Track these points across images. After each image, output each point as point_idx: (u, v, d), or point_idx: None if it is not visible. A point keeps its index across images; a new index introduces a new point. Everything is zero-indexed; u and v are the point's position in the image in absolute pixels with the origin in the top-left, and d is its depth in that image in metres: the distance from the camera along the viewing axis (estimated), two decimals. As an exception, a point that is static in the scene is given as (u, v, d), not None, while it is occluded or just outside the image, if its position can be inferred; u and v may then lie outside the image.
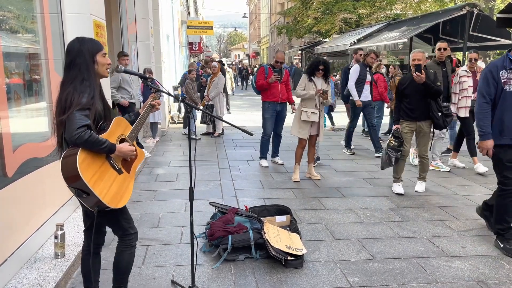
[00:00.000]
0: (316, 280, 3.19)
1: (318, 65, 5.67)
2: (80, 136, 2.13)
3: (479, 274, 3.27)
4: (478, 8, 12.65)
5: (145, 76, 2.77)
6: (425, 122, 5.15)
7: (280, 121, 6.76)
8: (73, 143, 2.18)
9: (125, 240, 2.55)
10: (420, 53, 5.07)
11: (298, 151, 5.98)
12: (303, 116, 5.71)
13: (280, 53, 6.59)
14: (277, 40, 44.36)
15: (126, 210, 2.53)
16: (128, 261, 2.59)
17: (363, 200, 5.05)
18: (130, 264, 2.61)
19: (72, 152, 2.18)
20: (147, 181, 5.84)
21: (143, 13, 9.06)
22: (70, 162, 2.16)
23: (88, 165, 2.19)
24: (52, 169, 3.67)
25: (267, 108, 6.61)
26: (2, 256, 2.87)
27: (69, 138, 2.16)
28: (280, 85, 6.50)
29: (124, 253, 2.56)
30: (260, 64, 27.28)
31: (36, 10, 3.76)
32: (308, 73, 5.79)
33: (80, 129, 2.13)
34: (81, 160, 2.15)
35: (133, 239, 2.58)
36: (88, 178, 2.16)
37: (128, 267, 2.61)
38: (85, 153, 2.19)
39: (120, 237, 2.56)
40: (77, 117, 2.15)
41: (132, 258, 2.61)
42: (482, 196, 5.15)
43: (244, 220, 3.82)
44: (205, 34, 25.14)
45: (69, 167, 2.16)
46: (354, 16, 22.71)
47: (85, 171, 2.15)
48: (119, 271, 2.62)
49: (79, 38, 2.35)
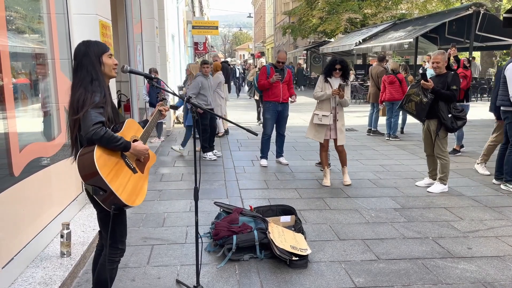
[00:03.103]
0: (321, 281, 3.18)
1: (334, 65, 5.54)
2: (96, 132, 2.13)
3: (485, 276, 3.25)
4: (485, 8, 12.59)
5: (150, 76, 2.77)
6: (432, 120, 5.13)
7: (282, 121, 6.74)
8: (89, 140, 2.19)
9: (111, 252, 2.44)
10: (440, 56, 5.07)
11: (321, 155, 5.88)
12: (315, 119, 5.63)
13: (282, 53, 6.58)
14: (282, 40, 44.35)
15: (125, 223, 2.50)
16: (106, 277, 2.44)
17: (368, 200, 5.04)
18: (106, 281, 2.45)
19: (89, 150, 2.19)
20: (152, 181, 5.86)
21: (148, 13, 9.10)
22: (87, 159, 2.17)
23: (105, 162, 2.20)
24: (58, 169, 3.70)
25: (268, 107, 6.60)
26: (8, 255, 2.90)
27: (85, 135, 2.17)
28: (282, 85, 6.49)
29: (104, 267, 2.44)
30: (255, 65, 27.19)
31: (42, 11, 3.79)
32: (325, 73, 5.66)
33: (96, 125, 2.14)
34: (98, 156, 2.16)
35: (118, 255, 2.48)
36: (106, 174, 2.16)
37: (107, 283, 2.45)
38: (101, 150, 2.20)
39: (108, 246, 2.42)
40: (92, 114, 2.16)
41: (112, 274, 2.49)
42: (489, 197, 5.12)
43: (249, 220, 3.82)
44: (210, 34, 25.14)
45: (86, 164, 2.17)
46: (359, 16, 22.66)
47: (102, 167, 2.16)
48: (98, 284, 2.51)
49: (85, 41, 2.37)
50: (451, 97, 4.98)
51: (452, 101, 5.04)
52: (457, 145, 7.53)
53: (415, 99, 5.25)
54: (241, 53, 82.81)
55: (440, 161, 5.26)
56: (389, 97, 8.89)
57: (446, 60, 5.19)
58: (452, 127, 5.05)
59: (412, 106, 5.32)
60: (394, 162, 6.99)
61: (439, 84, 5.04)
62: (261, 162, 6.81)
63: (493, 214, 4.57)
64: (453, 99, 5.01)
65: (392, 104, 8.88)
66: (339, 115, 5.63)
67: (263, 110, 6.68)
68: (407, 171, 6.42)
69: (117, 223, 2.41)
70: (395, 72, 9.00)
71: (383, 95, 9.03)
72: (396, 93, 8.78)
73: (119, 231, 2.45)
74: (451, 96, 4.97)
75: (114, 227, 2.41)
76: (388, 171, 6.41)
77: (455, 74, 5.17)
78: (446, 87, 5.01)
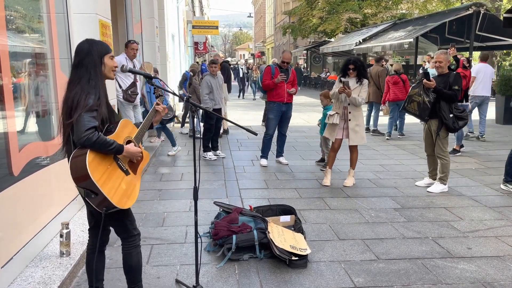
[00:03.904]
0: (320, 280, 3.18)
1: (348, 65, 5.53)
2: (88, 138, 2.14)
3: (484, 276, 3.25)
4: (485, 8, 12.58)
5: (150, 75, 2.77)
6: (433, 120, 5.13)
7: (285, 121, 6.74)
8: (81, 145, 2.19)
9: (130, 241, 2.57)
10: (442, 55, 5.07)
11: (329, 155, 5.83)
12: (327, 118, 5.71)
13: (287, 53, 6.58)
14: (282, 40, 44.32)
15: (131, 211, 2.55)
16: (138, 260, 2.62)
17: (368, 200, 5.04)
18: (140, 263, 2.64)
19: (81, 153, 2.19)
20: (152, 181, 5.86)
21: (148, 13, 9.09)
22: (79, 162, 2.18)
23: (97, 166, 2.20)
24: (57, 168, 3.69)
25: (272, 108, 6.60)
26: (8, 255, 2.89)
27: (78, 140, 2.17)
28: (286, 85, 6.50)
29: (131, 254, 2.58)
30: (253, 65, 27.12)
31: (42, 10, 3.78)
32: (341, 73, 5.68)
33: (89, 131, 2.15)
34: (90, 160, 2.17)
35: (137, 240, 2.60)
36: (97, 178, 2.17)
37: (138, 266, 2.64)
38: (94, 154, 2.20)
39: (124, 239, 2.57)
40: (85, 119, 2.17)
41: (140, 256, 2.64)
42: (488, 197, 5.12)
43: (249, 219, 3.82)
44: (211, 34, 25.15)
45: (79, 167, 2.18)
46: (359, 16, 22.65)
47: (94, 171, 2.17)
48: (131, 271, 2.63)
49: (89, 40, 2.38)
50: (453, 97, 4.97)
51: (454, 101, 5.04)
52: (457, 145, 7.53)
53: (416, 99, 5.25)
54: (241, 53, 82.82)
55: (441, 161, 5.25)
56: (393, 98, 9.09)
57: (449, 60, 5.19)
58: (454, 127, 5.05)
59: (414, 106, 5.32)
60: (394, 162, 6.98)
61: (441, 84, 5.04)
62: (261, 161, 6.81)
63: (493, 214, 4.57)
64: (455, 99, 5.01)
65: (396, 104, 9.05)
66: (351, 114, 5.53)
67: (267, 110, 6.67)
68: (407, 171, 6.42)
69: (124, 216, 2.48)
70: (398, 73, 9.21)
71: (387, 95, 9.21)
72: (400, 93, 9.01)
73: (129, 222, 2.54)
74: (453, 96, 4.97)
75: (124, 221, 2.50)
76: (388, 171, 6.40)
77: (457, 74, 5.17)
78: (448, 87, 5.01)
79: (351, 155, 5.73)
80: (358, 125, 5.57)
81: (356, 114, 5.56)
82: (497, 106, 11.22)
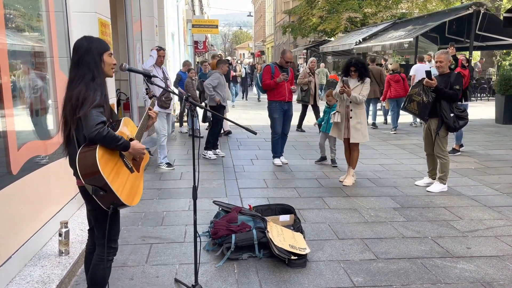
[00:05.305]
0: (320, 280, 3.18)
1: (349, 66, 5.57)
2: (99, 132, 2.13)
3: (483, 275, 3.25)
4: (485, 8, 12.57)
5: (149, 74, 2.76)
6: (433, 119, 5.13)
7: (287, 120, 6.73)
8: (91, 140, 2.18)
9: (103, 252, 2.43)
10: (443, 55, 5.07)
11: (345, 154, 5.89)
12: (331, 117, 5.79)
13: (289, 53, 6.58)
14: (282, 39, 44.30)
15: (119, 223, 2.50)
16: (103, 277, 2.46)
17: (367, 199, 5.04)
18: (105, 281, 2.48)
19: (90, 149, 2.17)
20: (151, 180, 5.85)
21: (148, 11, 9.07)
22: (88, 157, 2.15)
23: (106, 162, 2.19)
24: (56, 167, 3.69)
25: (274, 107, 6.60)
26: (6, 253, 2.89)
27: (88, 135, 2.15)
28: (286, 84, 6.51)
29: (98, 267, 2.45)
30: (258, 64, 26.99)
31: (41, 9, 3.78)
32: (344, 74, 5.70)
33: (99, 126, 2.14)
34: (100, 156, 2.15)
35: (111, 253, 2.48)
36: (107, 174, 2.16)
37: (103, 283, 2.48)
38: (103, 150, 2.19)
39: (101, 245, 2.44)
40: (94, 114, 2.15)
41: (107, 274, 2.50)
42: (488, 197, 5.12)
43: (248, 219, 3.82)
44: (210, 33, 25.10)
45: (88, 162, 2.15)
46: (359, 15, 22.63)
47: (105, 167, 2.16)
48: (93, 284, 2.51)
49: (87, 37, 2.36)
50: (454, 96, 4.98)
51: (455, 101, 5.04)
52: (457, 145, 7.53)
53: (416, 99, 5.25)
54: (241, 52, 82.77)
55: (440, 160, 5.25)
56: (395, 94, 9.97)
57: (450, 60, 5.20)
58: (454, 126, 5.06)
59: (414, 106, 5.32)
60: (393, 162, 6.98)
61: (442, 84, 5.04)
62: (274, 161, 6.78)
63: (492, 214, 4.57)
64: (455, 99, 5.02)
65: (397, 100, 9.87)
66: (352, 112, 5.56)
67: (269, 111, 6.67)
68: (407, 170, 6.42)
69: (112, 222, 2.38)
70: (395, 72, 10.12)
71: (388, 93, 10.08)
72: (401, 90, 9.89)
73: (113, 230, 2.44)
74: (453, 96, 4.97)
75: (110, 227, 2.37)
76: (388, 171, 6.40)
77: (458, 74, 5.19)
78: (449, 87, 5.01)
79: (352, 153, 5.72)
80: (360, 122, 5.57)
81: (358, 112, 5.57)
82: (497, 106, 11.21)
